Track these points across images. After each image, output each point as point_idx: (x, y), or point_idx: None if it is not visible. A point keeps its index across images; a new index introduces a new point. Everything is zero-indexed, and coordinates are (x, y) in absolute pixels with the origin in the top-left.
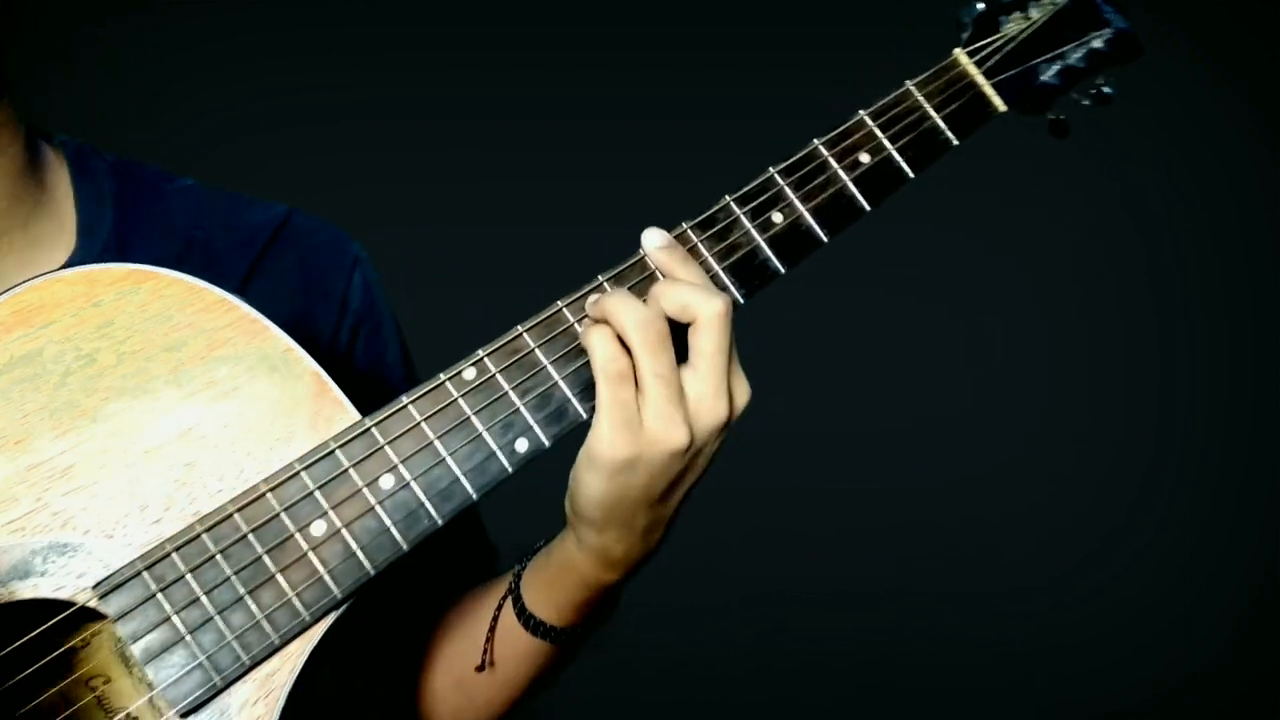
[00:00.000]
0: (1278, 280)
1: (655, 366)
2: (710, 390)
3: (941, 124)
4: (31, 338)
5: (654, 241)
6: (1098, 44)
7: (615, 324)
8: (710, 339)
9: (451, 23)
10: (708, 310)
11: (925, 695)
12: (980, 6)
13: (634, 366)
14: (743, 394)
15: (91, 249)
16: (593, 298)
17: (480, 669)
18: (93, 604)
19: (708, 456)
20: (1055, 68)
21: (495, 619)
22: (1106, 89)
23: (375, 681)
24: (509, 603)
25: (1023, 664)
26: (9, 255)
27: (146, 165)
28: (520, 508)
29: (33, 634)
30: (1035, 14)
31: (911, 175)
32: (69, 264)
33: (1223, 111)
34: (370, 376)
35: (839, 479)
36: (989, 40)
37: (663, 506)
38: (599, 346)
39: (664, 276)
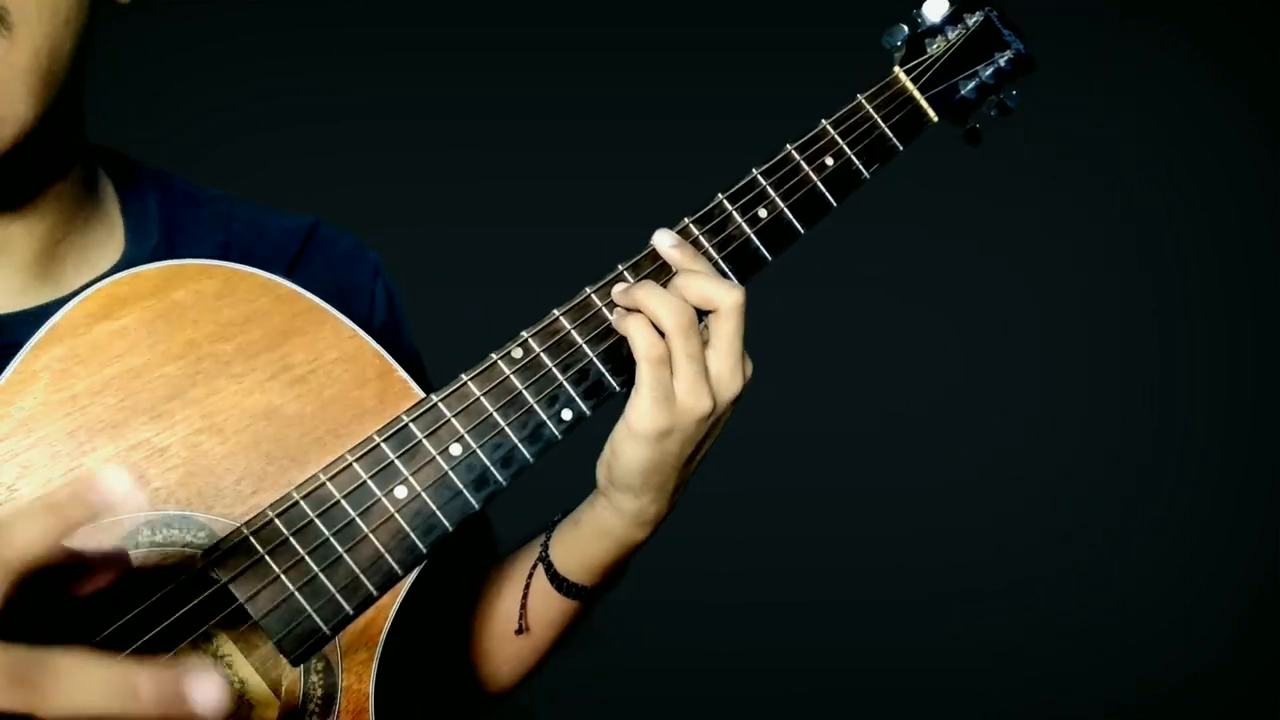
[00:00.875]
0: (1278, 280)
1: (687, 349)
2: (729, 367)
3: (889, 132)
4: (119, 329)
5: (666, 242)
6: (1001, 62)
7: (649, 312)
8: (729, 324)
9: (451, 22)
10: (729, 300)
11: (922, 695)
12: (905, 30)
13: (668, 349)
14: (749, 369)
15: (142, 252)
16: (620, 287)
17: (519, 633)
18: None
19: (723, 424)
20: (972, 84)
21: (527, 586)
22: (1008, 103)
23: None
24: (540, 570)
25: (1021, 665)
26: (70, 256)
27: (174, 175)
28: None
29: (165, 590)
30: (952, 36)
31: (867, 176)
32: (119, 266)
33: (1223, 111)
34: None
35: (829, 481)
36: (920, 60)
37: (687, 470)
38: (640, 335)
39: (678, 270)
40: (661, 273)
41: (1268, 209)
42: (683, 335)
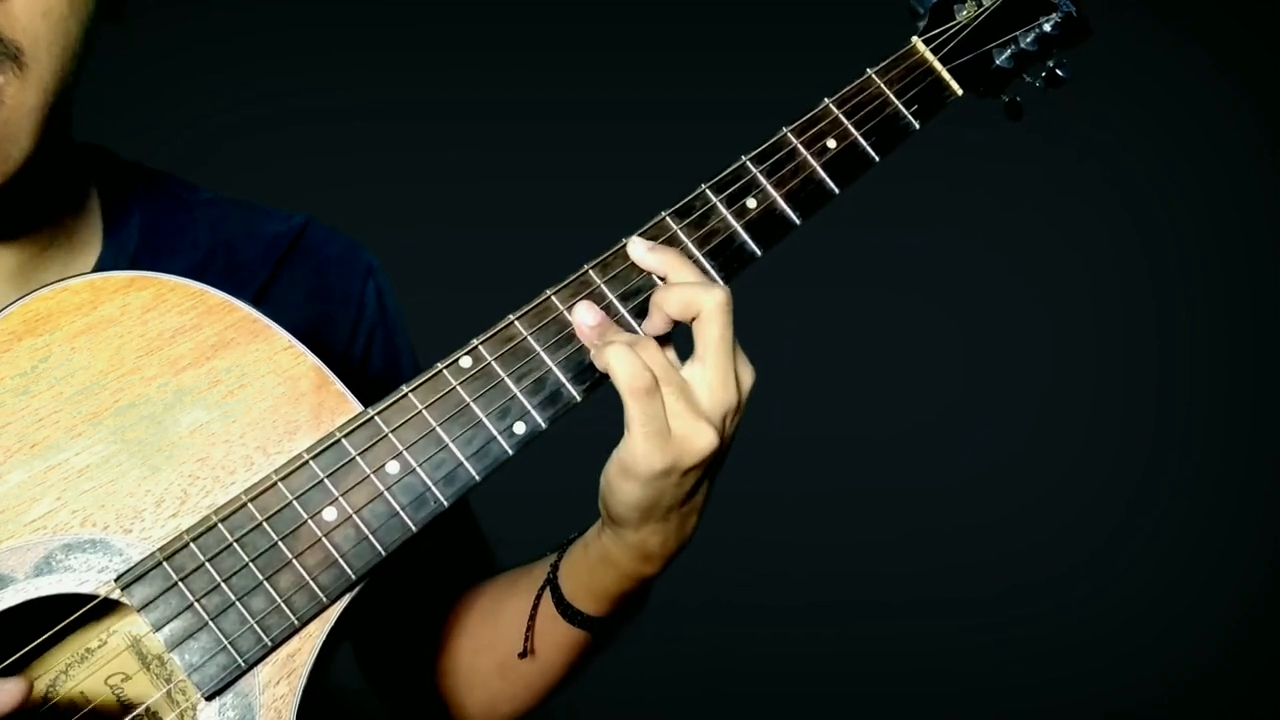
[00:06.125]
0: (1278, 280)
1: (667, 381)
2: (719, 379)
3: (903, 109)
4: (41, 345)
5: (641, 248)
6: (1047, 27)
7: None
8: (714, 328)
9: (451, 22)
10: (710, 302)
11: (925, 698)
12: None
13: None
14: (748, 375)
15: (121, 256)
16: (592, 351)
17: (522, 656)
18: (115, 596)
19: (726, 442)
20: (1008, 52)
21: (535, 608)
22: (1059, 71)
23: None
24: (547, 593)
25: (1021, 665)
26: (53, 267)
27: (168, 175)
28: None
29: (59, 626)
30: (986, 0)
31: (877, 159)
32: (96, 270)
33: (1223, 112)
34: (385, 381)
35: (835, 482)
36: (945, 28)
37: (693, 501)
38: (621, 366)
39: (660, 279)
40: (633, 272)
41: (1268, 209)
42: (650, 391)
